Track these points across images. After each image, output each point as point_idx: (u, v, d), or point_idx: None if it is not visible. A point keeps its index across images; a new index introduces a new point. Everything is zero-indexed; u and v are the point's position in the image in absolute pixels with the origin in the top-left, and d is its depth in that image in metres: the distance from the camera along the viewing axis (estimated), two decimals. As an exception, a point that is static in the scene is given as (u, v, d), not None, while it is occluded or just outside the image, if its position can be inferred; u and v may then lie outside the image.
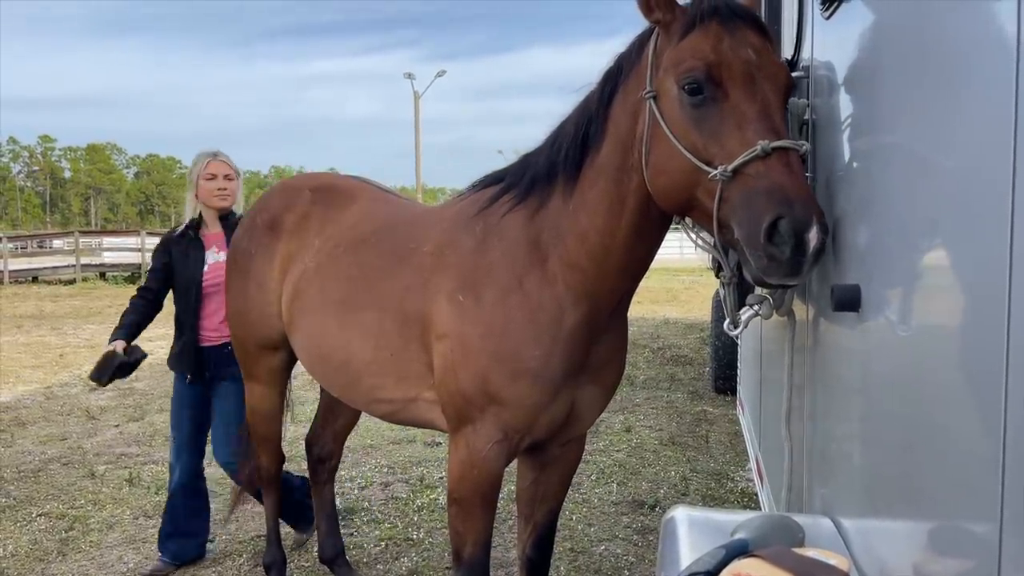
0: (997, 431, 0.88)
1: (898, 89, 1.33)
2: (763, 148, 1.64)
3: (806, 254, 1.57)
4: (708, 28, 1.80)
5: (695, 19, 1.82)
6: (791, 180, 1.62)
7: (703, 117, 1.78)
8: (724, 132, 1.74)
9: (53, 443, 6.05)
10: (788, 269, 1.59)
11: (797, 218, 1.56)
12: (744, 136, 1.69)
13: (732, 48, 1.77)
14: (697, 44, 1.80)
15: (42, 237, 28.33)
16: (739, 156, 1.67)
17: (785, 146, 1.66)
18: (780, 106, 1.77)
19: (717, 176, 1.70)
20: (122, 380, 3.83)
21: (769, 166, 1.64)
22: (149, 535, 4.25)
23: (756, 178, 1.65)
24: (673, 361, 9.08)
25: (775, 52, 1.83)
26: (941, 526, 1.11)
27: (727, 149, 1.71)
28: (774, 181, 1.62)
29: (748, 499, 4.60)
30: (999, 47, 0.92)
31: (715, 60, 1.76)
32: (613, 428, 6.18)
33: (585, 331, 2.30)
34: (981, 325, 0.95)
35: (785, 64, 1.88)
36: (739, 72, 1.75)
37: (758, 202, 1.63)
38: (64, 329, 12.67)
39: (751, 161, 1.66)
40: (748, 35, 1.80)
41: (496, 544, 3.88)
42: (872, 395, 1.44)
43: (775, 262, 1.59)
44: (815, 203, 1.61)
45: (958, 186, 1.05)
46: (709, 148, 1.76)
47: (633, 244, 2.15)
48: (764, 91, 1.74)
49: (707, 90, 1.76)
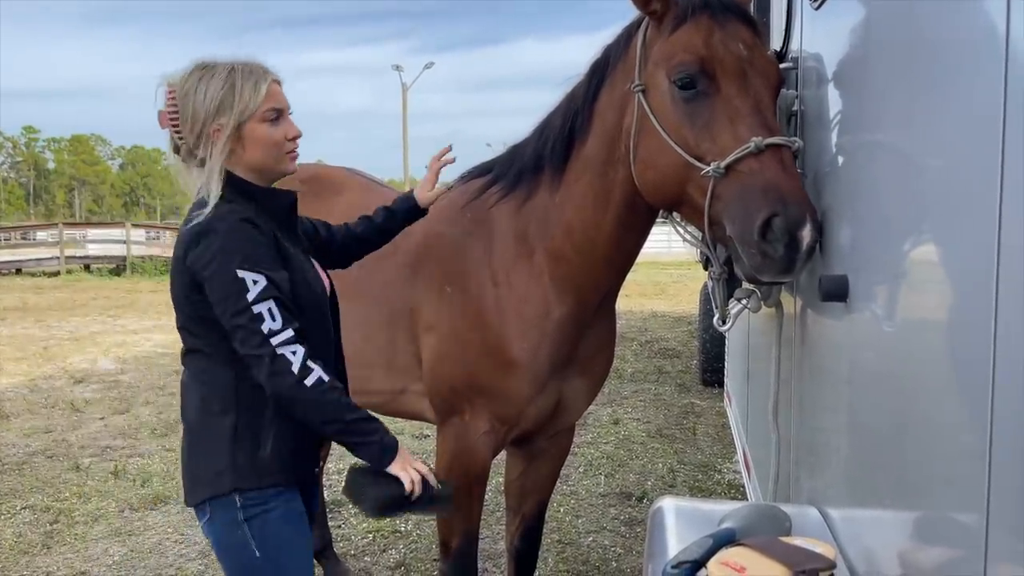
0: (984, 422, 0.89)
1: (886, 80, 1.33)
2: (756, 145, 1.64)
3: (799, 252, 1.57)
4: (699, 22, 1.80)
5: (687, 12, 1.82)
6: (785, 177, 1.62)
7: (695, 112, 1.77)
8: (716, 128, 1.73)
9: (37, 436, 6.00)
10: (781, 266, 1.60)
11: (791, 216, 1.56)
12: (737, 132, 1.69)
13: (724, 42, 1.76)
14: (689, 38, 1.79)
15: (26, 229, 28.01)
16: (732, 152, 1.66)
17: (779, 143, 1.65)
18: (772, 102, 1.77)
19: (710, 172, 1.69)
20: (106, 373, 3.61)
21: (763, 163, 1.63)
22: (135, 528, 4.23)
23: (750, 175, 1.64)
24: (661, 354, 9.11)
25: (765, 47, 1.83)
26: (927, 516, 1.11)
27: (720, 145, 1.71)
28: (768, 178, 1.62)
29: (735, 491, 4.63)
30: (988, 39, 0.92)
31: (708, 54, 1.75)
32: (601, 420, 6.20)
33: (572, 324, 2.30)
34: (968, 316, 0.96)
35: (775, 60, 1.88)
36: (731, 67, 1.74)
37: (752, 199, 1.62)
38: (48, 321, 12.55)
39: (744, 158, 1.65)
40: (739, 30, 1.79)
41: (484, 536, 3.89)
42: (859, 386, 1.44)
43: (768, 259, 1.60)
44: (809, 201, 1.61)
45: (946, 177, 1.05)
46: (701, 144, 1.75)
47: (619, 237, 2.14)
48: (756, 86, 1.74)
49: (699, 85, 1.75)
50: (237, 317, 1.65)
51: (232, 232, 1.69)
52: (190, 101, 1.75)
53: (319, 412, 1.69)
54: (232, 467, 1.75)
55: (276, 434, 1.77)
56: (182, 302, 1.78)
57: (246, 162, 1.79)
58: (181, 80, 1.78)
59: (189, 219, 1.76)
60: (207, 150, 1.75)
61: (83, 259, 23.60)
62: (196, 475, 1.82)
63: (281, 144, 1.81)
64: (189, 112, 1.75)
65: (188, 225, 1.74)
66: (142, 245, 24.77)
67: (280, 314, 1.66)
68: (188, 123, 1.76)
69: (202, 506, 1.80)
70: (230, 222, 1.70)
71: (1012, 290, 0.84)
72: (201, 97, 1.74)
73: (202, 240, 1.69)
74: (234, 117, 1.74)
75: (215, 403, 1.78)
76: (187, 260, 1.71)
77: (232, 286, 1.65)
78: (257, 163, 1.80)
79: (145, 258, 23.47)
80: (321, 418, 1.70)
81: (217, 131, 1.74)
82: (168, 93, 1.78)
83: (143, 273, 22.12)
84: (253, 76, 1.77)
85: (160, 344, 10.26)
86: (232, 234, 1.69)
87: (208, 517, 1.79)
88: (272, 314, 1.65)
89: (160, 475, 5.04)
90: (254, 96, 1.75)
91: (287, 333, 1.66)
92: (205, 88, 1.74)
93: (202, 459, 1.80)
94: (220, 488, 1.76)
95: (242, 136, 1.76)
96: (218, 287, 1.67)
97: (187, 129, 1.76)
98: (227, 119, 1.74)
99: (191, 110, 1.75)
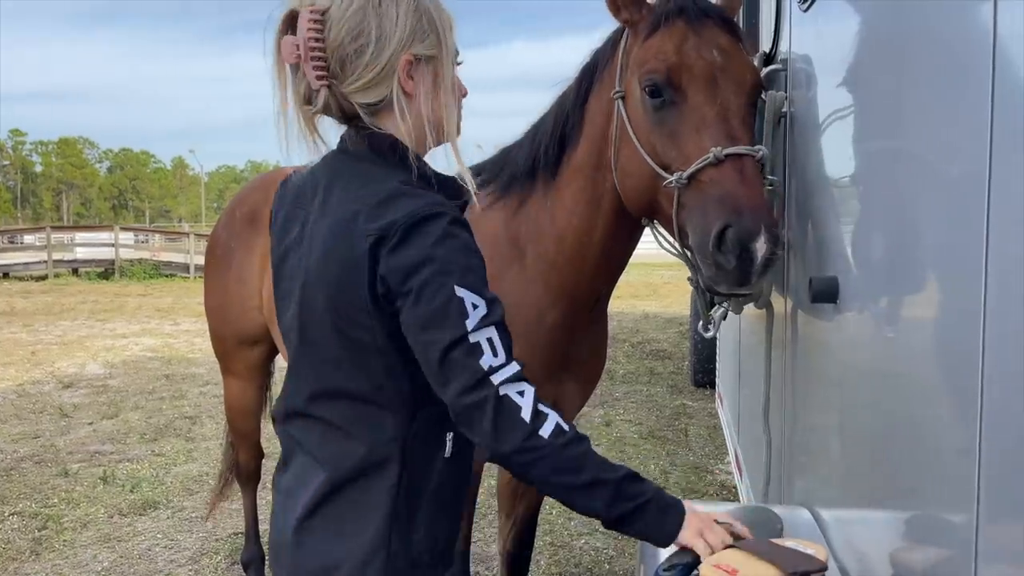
0: (973, 422, 0.89)
1: (875, 81, 1.34)
2: (715, 155, 1.63)
3: (754, 264, 1.56)
4: (673, 28, 1.78)
5: (661, 19, 1.80)
6: (742, 188, 1.61)
7: (662, 120, 1.76)
8: (681, 137, 1.72)
9: (25, 441, 5.95)
10: (735, 278, 1.59)
11: (744, 227, 1.55)
12: (700, 142, 1.68)
13: (696, 48, 1.74)
14: (661, 45, 1.78)
15: (12, 233, 27.85)
16: (694, 162, 1.66)
17: (738, 152, 1.64)
18: (742, 109, 1.74)
19: (672, 183, 1.70)
20: (95, 378, 3.57)
21: (722, 173, 1.63)
22: (124, 534, 4.19)
23: (709, 185, 1.64)
24: (653, 355, 9.12)
25: (744, 52, 1.81)
26: (918, 516, 1.12)
27: (684, 154, 1.71)
28: (726, 189, 1.61)
29: (727, 492, 4.64)
30: (976, 40, 0.92)
31: (676, 62, 1.74)
32: (593, 422, 6.20)
33: (564, 329, 2.29)
34: (958, 317, 0.96)
35: (753, 64, 1.84)
36: (700, 74, 1.72)
37: (709, 210, 1.63)
38: (36, 326, 12.46)
39: (705, 168, 1.65)
40: (716, 35, 1.77)
41: (476, 539, 3.88)
42: (850, 387, 1.45)
43: (722, 271, 1.60)
44: (767, 212, 1.60)
45: (935, 178, 1.05)
46: (668, 153, 1.75)
47: (610, 244, 2.14)
48: (725, 94, 1.72)
49: (666, 93, 1.75)
50: (453, 350, 1.15)
51: (452, 235, 1.18)
52: (370, 18, 1.22)
53: (572, 473, 1.17)
54: (386, 552, 1.25)
55: (432, 512, 1.30)
56: (345, 322, 1.23)
57: (438, 118, 1.29)
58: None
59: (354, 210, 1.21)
60: (393, 89, 1.24)
61: (71, 263, 23.45)
62: (326, 565, 1.27)
63: (461, 101, 1.36)
64: (370, 34, 1.22)
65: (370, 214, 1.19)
66: (130, 248, 24.66)
67: (502, 344, 1.18)
68: (361, 54, 1.22)
69: None
70: (453, 215, 1.20)
71: (1001, 291, 0.84)
72: (390, 14, 1.23)
73: (415, 235, 1.16)
74: (436, 45, 1.27)
75: (371, 462, 1.26)
76: (381, 264, 1.17)
77: (450, 307, 1.15)
78: (449, 122, 1.31)
79: (134, 261, 23.34)
80: (575, 481, 1.17)
81: (410, 62, 1.25)
82: (312, 14, 1.22)
83: (132, 277, 21.98)
84: (444, 10, 1.31)
85: (149, 348, 10.21)
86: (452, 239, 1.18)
87: None
88: (493, 345, 1.17)
89: (149, 480, 5.00)
90: (452, 28, 1.30)
91: (512, 368, 1.17)
92: (393, 5, 1.24)
93: (337, 542, 1.27)
94: None
95: (442, 78, 1.28)
96: (426, 304, 1.15)
97: (352, 64, 1.23)
98: (427, 48, 1.26)
99: (372, 31, 1.22)
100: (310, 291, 1.26)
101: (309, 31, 1.22)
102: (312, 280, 1.25)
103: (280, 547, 1.35)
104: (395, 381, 1.24)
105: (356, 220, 1.20)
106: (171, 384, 7.94)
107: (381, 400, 1.26)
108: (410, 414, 1.26)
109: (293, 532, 1.31)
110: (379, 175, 1.25)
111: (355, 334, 1.22)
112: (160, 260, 23.96)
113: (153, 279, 21.81)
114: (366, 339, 1.22)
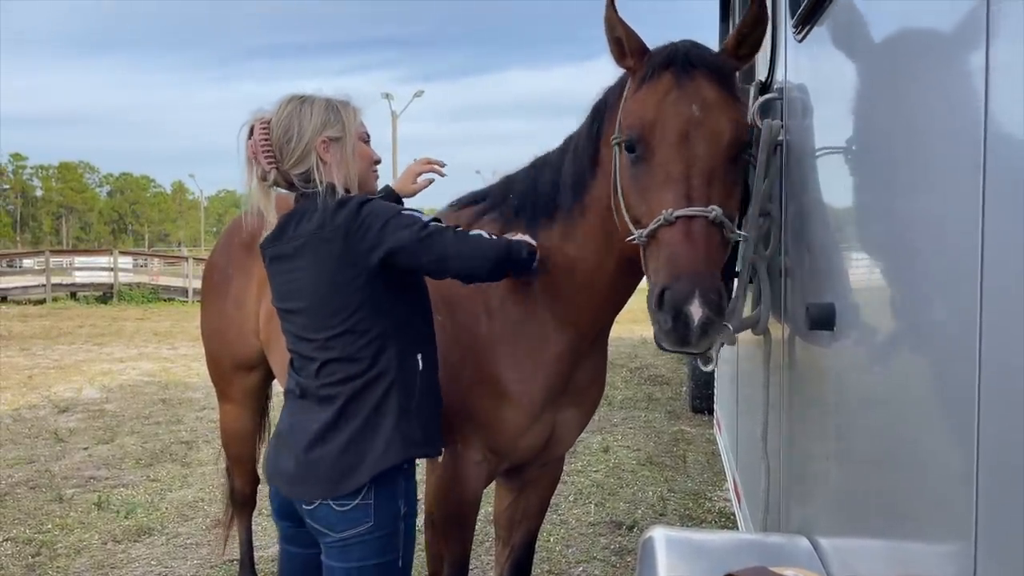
0: (971, 448, 0.89)
1: (870, 110, 1.35)
2: (666, 217, 1.67)
3: (690, 326, 1.57)
4: (659, 81, 1.80)
5: (650, 71, 1.83)
6: (685, 251, 1.64)
7: (636, 175, 1.81)
8: (648, 193, 1.77)
9: (20, 466, 5.91)
10: (675, 338, 1.61)
11: (679, 291, 1.58)
12: (661, 200, 1.72)
13: (675, 104, 1.75)
14: (643, 99, 1.81)
15: (11, 256, 27.86)
16: (652, 221, 1.71)
17: (689, 214, 1.66)
18: (711, 164, 1.72)
19: (635, 239, 1.76)
20: (91, 402, 3.47)
21: (671, 234, 1.67)
22: (118, 560, 4.15)
23: (661, 245, 1.69)
24: (651, 381, 9.10)
25: (732, 104, 1.79)
26: (917, 544, 1.11)
27: (649, 211, 1.75)
28: (671, 250, 1.66)
29: (726, 519, 4.60)
30: (968, 65, 0.94)
31: (651, 118, 1.76)
32: (591, 448, 6.17)
33: (568, 358, 2.30)
34: (954, 343, 0.96)
35: (738, 118, 1.80)
36: (672, 131, 1.74)
37: (656, 269, 1.69)
38: (33, 350, 12.42)
39: (660, 227, 1.69)
40: (700, 87, 1.76)
41: (473, 566, 3.84)
42: (848, 413, 1.45)
43: (663, 331, 1.62)
44: (706, 276, 1.61)
45: (930, 204, 1.06)
46: (639, 207, 1.80)
47: (618, 280, 2.16)
48: (694, 151, 1.72)
49: (639, 149, 1.79)
50: (417, 229, 1.88)
51: None
52: (293, 121, 1.92)
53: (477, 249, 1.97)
54: (399, 436, 1.92)
55: (417, 408, 1.98)
56: (357, 290, 1.88)
57: (345, 176, 1.96)
58: (278, 110, 1.95)
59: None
60: (312, 163, 1.92)
61: (70, 286, 23.44)
62: (352, 464, 1.89)
63: (371, 163, 2.06)
64: (293, 131, 1.91)
65: (317, 222, 1.89)
66: (129, 272, 24.65)
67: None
68: (290, 144, 1.91)
69: (358, 491, 1.88)
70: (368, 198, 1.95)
71: (997, 318, 0.85)
72: (307, 116, 1.92)
73: (365, 206, 1.87)
74: (341, 130, 1.95)
75: (372, 376, 1.91)
76: (356, 234, 1.86)
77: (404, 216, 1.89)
78: (360, 176, 2.01)
79: (132, 285, 23.36)
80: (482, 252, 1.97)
81: (324, 143, 1.92)
82: (261, 125, 1.94)
83: (130, 300, 21.97)
84: (348, 103, 2.00)
85: (146, 372, 10.17)
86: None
87: (360, 500, 1.89)
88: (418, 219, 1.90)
89: (144, 506, 4.96)
90: (355, 116, 2.00)
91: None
92: (309, 109, 1.93)
93: (359, 439, 1.89)
94: (387, 462, 1.90)
95: (345, 150, 1.96)
96: (380, 217, 1.87)
97: (286, 151, 1.92)
98: (334, 132, 1.94)
99: (295, 129, 1.91)
100: (310, 275, 1.92)
101: (260, 134, 1.94)
102: (311, 269, 1.91)
103: (286, 473, 1.97)
104: (382, 318, 1.91)
105: (323, 227, 1.88)
106: (168, 409, 7.91)
107: (374, 332, 1.90)
108: (396, 341, 1.92)
109: (305, 451, 1.91)
110: (312, 207, 1.93)
111: (352, 291, 1.88)
112: (158, 284, 23.98)
113: (151, 303, 21.81)
114: (361, 293, 1.88)
